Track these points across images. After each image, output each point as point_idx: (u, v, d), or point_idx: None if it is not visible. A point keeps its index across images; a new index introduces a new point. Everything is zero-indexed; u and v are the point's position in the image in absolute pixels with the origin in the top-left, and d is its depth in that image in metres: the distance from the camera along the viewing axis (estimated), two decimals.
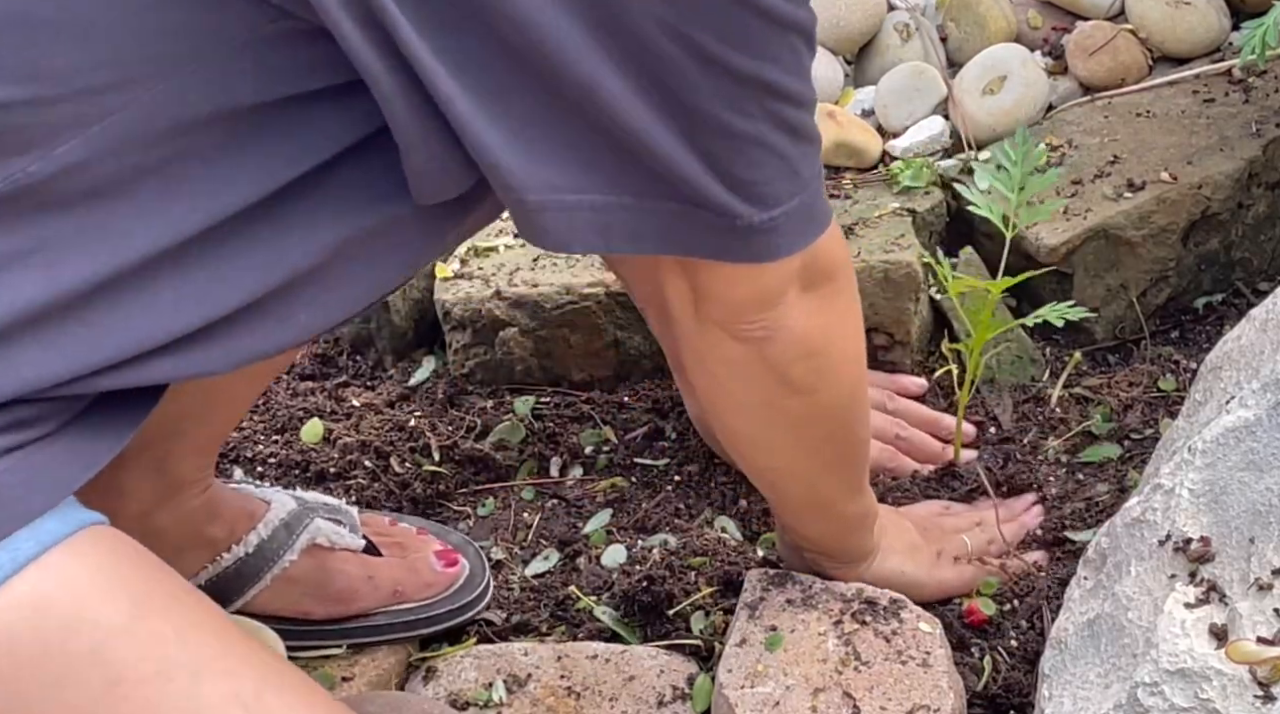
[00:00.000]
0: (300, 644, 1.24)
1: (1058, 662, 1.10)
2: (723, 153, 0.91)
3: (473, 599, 1.29)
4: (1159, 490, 1.10)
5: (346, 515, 1.28)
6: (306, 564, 1.23)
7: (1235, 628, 1.00)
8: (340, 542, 1.25)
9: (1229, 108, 1.67)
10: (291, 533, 1.23)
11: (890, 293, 1.54)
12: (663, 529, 1.40)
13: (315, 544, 1.24)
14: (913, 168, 1.66)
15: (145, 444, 1.15)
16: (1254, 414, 1.08)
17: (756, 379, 1.09)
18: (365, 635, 1.26)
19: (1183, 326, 1.61)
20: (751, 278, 1.02)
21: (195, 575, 1.21)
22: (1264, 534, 1.03)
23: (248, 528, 1.22)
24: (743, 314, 1.05)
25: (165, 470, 1.18)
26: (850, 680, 1.16)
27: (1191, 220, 1.58)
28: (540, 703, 1.21)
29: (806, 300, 1.06)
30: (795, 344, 1.07)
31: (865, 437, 1.21)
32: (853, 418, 1.17)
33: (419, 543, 1.31)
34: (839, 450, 1.18)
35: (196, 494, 1.21)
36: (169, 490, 1.19)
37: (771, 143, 0.93)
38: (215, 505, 1.23)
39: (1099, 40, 1.74)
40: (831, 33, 1.81)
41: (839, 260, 1.10)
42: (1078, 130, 1.69)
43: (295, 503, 1.25)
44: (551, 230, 0.90)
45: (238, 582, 1.21)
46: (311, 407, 1.55)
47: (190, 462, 1.20)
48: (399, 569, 1.28)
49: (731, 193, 0.93)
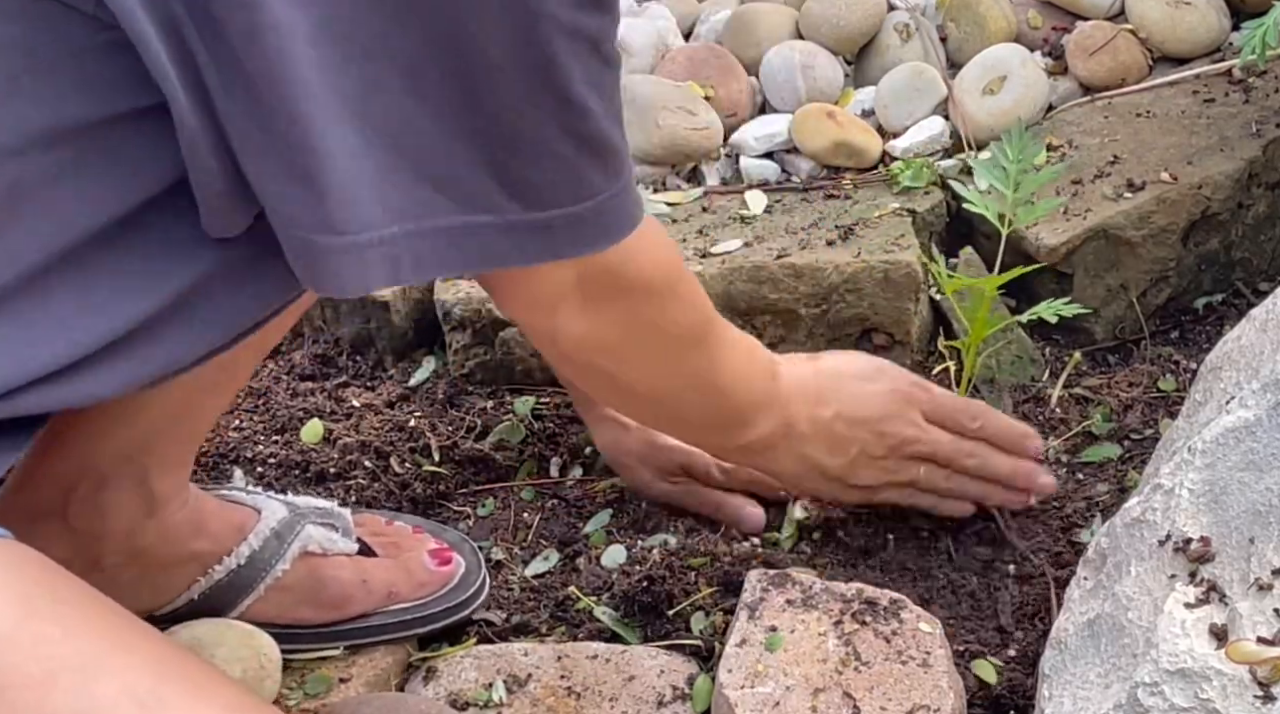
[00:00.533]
0: (296, 648, 1.24)
1: (1058, 662, 1.10)
2: (500, 151, 0.88)
3: (468, 597, 1.29)
4: (1159, 490, 1.10)
5: (339, 518, 1.28)
6: (299, 572, 1.23)
7: (1235, 628, 1.00)
8: (333, 548, 1.24)
9: (1229, 108, 1.67)
10: (283, 541, 1.22)
11: (890, 293, 1.54)
12: (663, 529, 1.40)
13: (307, 551, 1.23)
14: (913, 168, 1.66)
15: (123, 460, 1.15)
16: (1254, 414, 1.08)
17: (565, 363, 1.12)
18: (362, 637, 1.26)
19: (1183, 326, 1.61)
20: (523, 281, 1.00)
21: (188, 589, 1.20)
22: (1264, 534, 1.03)
23: (237, 539, 1.22)
24: (525, 318, 1.05)
25: (145, 485, 1.17)
26: (850, 681, 1.17)
27: (1191, 220, 1.58)
28: (540, 703, 1.21)
29: (588, 314, 1.04)
30: (582, 351, 1.06)
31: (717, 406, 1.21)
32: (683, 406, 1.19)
33: (413, 542, 1.31)
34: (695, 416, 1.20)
35: (177, 508, 1.20)
36: (151, 506, 1.18)
37: (556, 148, 0.90)
38: (200, 519, 1.22)
39: (1099, 40, 1.74)
40: (831, 33, 1.81)
41: (641, 280, 1.07)
42: (1078, 130, 1.69)
43: (286, 509, 1.25)
44: (344, 274, 0.87)
45: (230, 593, 1.21)
46: (311, 407, 1.55)
47: (169, 477, 1.19)
48: (392, 570, 1.27)
49: (502, 190, 0.90)
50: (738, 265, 1.56)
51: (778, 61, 1.79)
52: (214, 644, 1.17)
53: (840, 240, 1.58)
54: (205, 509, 1.23)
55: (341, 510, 1.29)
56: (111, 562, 1.17)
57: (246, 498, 1.26)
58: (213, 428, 1.51)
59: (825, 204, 1.66)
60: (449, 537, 1.34)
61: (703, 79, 1.78)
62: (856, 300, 1.55)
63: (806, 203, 1.68)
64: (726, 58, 1.81)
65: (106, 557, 1.17)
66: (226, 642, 1.17)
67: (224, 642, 1.17)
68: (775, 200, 1.69)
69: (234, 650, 1.17)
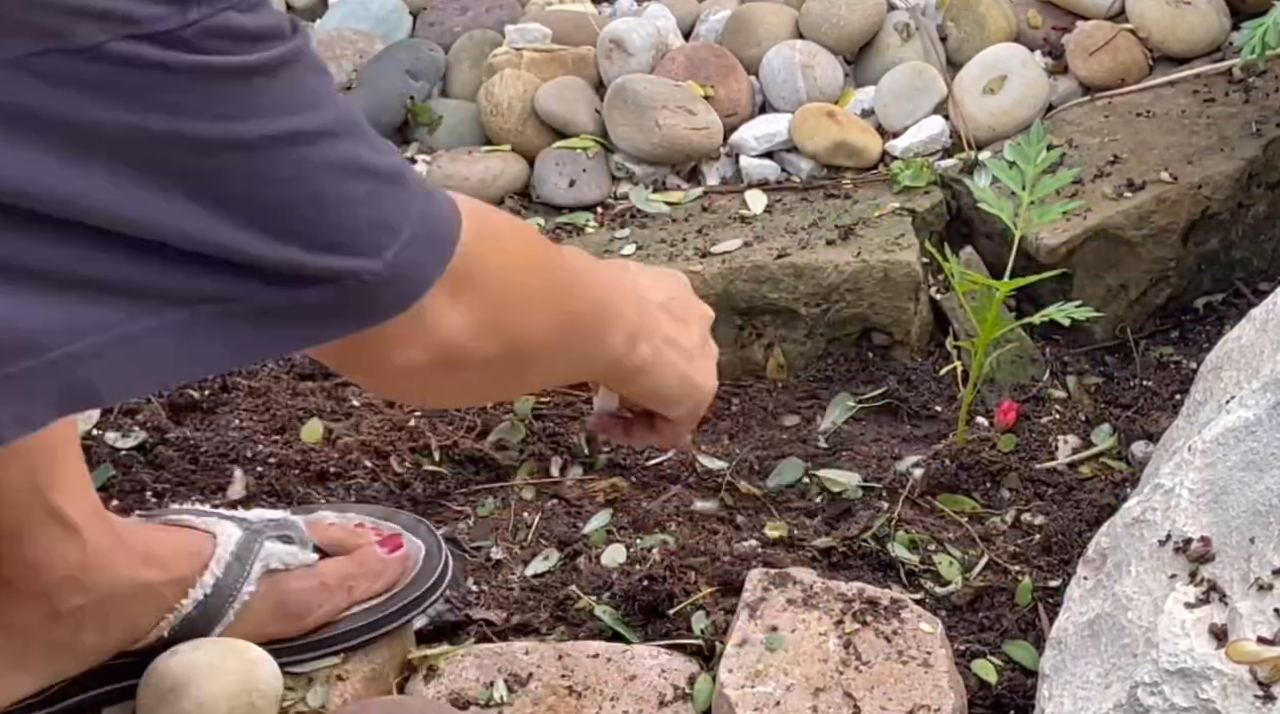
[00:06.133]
0: (291, 660, 1.23)
1: (1058, 662, 1.10)
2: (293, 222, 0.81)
3: (436, 579, 1.28)
4: (1159, 490, 1.10)
5: (294, 527, 1.26)
6: (260, 593, 1.21)
7: (1235, 628, 1.00)
8: (294, 562, 1.23)
9: (1229, 108, 1.67)
10: (244, 564, 1.20)
11: (890, 292, 1.54)
12: (663, 529, 1.40)
13: (270, 569, 1.22)
14: (913, 168, 1.66)
15: (26, 502, 1.12)
16: (1254, 414, 1.08)
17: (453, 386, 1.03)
18: (351, 639, 1.25)
19: (1183, 327, 1.61)
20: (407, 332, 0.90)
21: (156, 626, 1.18)
22: (1264, 534, 1.03)
23: (192, 566, 1.20)
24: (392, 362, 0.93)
25: (59, 516, 1.14)
26: (851, 680, 1.17)
27: (1191, 220, 1.58)
28: (541, 702, 1.21)
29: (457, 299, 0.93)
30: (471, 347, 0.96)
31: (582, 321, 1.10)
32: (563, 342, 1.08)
33: (359, 538, 1.29)
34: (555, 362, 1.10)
35: (104, 530, 1.17)
36: (73, 535, 1.14)
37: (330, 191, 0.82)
38: (147, 548, 1.20)
39: (1099, 40, 1.75)
40: (831, 32, 1.81)
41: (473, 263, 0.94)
42: (1078, 130, 1.69)
43: (240, 529, 1.23)
44: None
45: (202, 624, 1.19)
46: (311, 406, 1.55)
47: (76, 498, 1.15)
48: (345, 565, 1.26)
49: (331, 254, 0.82)
50: (738, 265, 1.56)
51: (778, 61, 1.79)
52: (208, 675, 1.16)
53: (840, 240, 1.58)
54: (152, 537, 1.21)
55: (295, 518, 1.28)
56: (68, 606, 1.15)
57: (198, 521, 1.24)
58: (212, 427, 1.51)
59: (825, 204, 1.66)
60: (401, 520, 1.33)
61: (703, 79, 1.78)
62: (856, 300, 1.55)
63: (806, 202, 1.68)
64: (726, 57, 1.81)
65: (60, 602, 1.15)
66: (222, 672, 1.16)
67: (219, 672, 1.16)
68: (775, 200, 1.69)
69: (226, 686, 1.16)
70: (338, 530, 1.29)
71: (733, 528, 1.40)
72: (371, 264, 0.84)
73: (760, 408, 1.57)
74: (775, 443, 1.50)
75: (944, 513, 1.41)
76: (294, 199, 0.81)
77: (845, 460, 1.47)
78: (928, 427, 1.52)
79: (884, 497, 1.42)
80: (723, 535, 1.37)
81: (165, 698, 1.16)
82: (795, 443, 1.50)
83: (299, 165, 0.81)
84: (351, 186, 0.83)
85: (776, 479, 1.45)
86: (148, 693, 1.17)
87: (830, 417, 1.54)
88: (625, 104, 1.74)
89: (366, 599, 1.26)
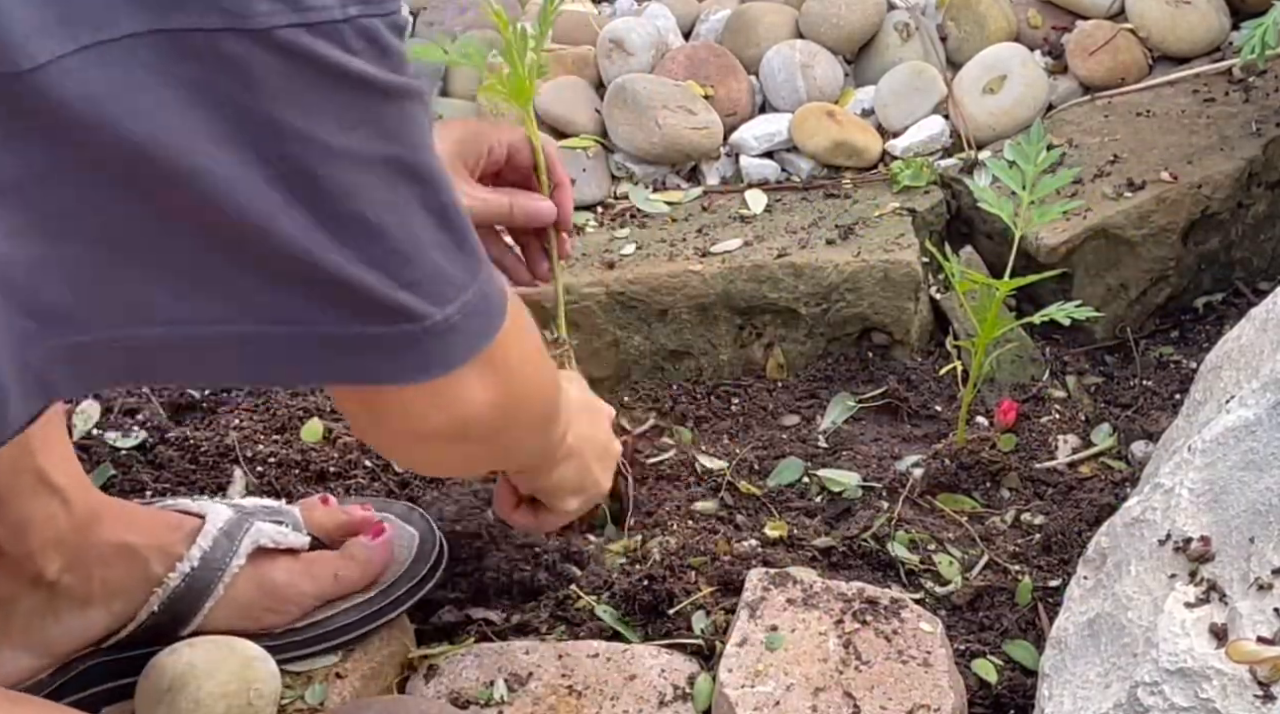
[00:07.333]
0: (288, 657, 1.23)
1: (1058, 661, 1.10)
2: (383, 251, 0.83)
3: (430, 567, 1.28)
4: (1159, 490, 1.10)
5: (288, 515, 1.27)
6: (249, 570, 1.22)
7: (1235, 627, 1.00)
8: (284, 541, 1.24)
9: (1229, 108, 1.67)
10: (233, 540, 1.21)
11: (890, 292, 1.54)
12: (663, 529, 1.40)
13: (260, 546, 1.23)
14: (912, 167, 1.66)
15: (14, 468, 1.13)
16: (1254, 414, 1.08)
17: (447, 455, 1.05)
18: (349, 632, 1.25)
19: (1183, 326, 1.61)
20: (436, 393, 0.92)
21: (146, 602, 1.19)
22: (1264, 534, 1.03)
23: (181, 539, 1.21)
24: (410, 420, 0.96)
25: (46, 481, 1.15)
26: (851, 680, 1.17)
27: (1191, 220, 1.58)
28: (542, 701, 1.21)
29: (484, 377, 0.95)
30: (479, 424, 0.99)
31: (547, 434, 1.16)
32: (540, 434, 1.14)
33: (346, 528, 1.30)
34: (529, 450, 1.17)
35: (90, 497, 1.18)
36: (61, 498, 1.16)
37: (420, 232, 0.84)
38: (133, 516, 1.21)
39: (1099, 40, 1.75)
40: (831, 32, 1.81)
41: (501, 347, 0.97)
42: (1078, 130, 1.69)
43: (232, 511, 1.24)
44: None
45: (190, 597, 1.20)
46: (311, 406, 1.55)
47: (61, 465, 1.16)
48: (332, 555, 1.27)
49: (406, 291, 0.84)
50: (738, 265, 1.56)
51: (778, 61, 1.79)
52: (207, 674, 1.16)
53: (840, 239, 1.58)
54: (139, 511, 1.22)
55: (289, 507, 1.29)
56: (53, 569, 1.16)
57: (192, 505, 1.25)
58: (212, 427, 1.51)
59: (825, 203, 1.66)
60: (395, 510, 1.33)
61: (702, 78, 1.78)
62: (856, 299, 1.55)
63: (806, 202, 1.68)
64: (726, 57, 1.81)
65: (46, 566, 1.16)
66: (221, 671, 1.17)
67: (218, 671, 1.17)
68: (775, 200, 1.69)
69: (223, 684, 1.16)
70: (328, 521, 1.30)
71: (733, 528, 1.40)
72: (435, 313, 0.86)
73: (760, 407, 1.57)
74: (775, 443, 1.50)
75: (944, 513, 1.41)
76: (390, 228, 0.82)
77: (845, 460, 1.47)
78: (928, 426, 1.52)
79: (884, 496, 1.42)
80: (723, 535, 1.37)
81: (164, 696, 1.16)
82: (795, 442, 1.50)
83: (403, 197, 0.83)
84: (436, 234, 0.85)
85: (776, 479, 1.45)
86: (146, 691, 1.17)
87: (830, 416, 1.54)
88: (625, 104, 1.74)
89: (358, 590, 1.26)
